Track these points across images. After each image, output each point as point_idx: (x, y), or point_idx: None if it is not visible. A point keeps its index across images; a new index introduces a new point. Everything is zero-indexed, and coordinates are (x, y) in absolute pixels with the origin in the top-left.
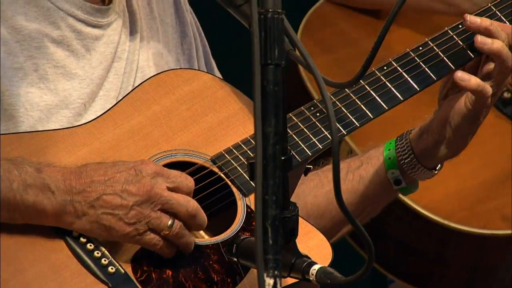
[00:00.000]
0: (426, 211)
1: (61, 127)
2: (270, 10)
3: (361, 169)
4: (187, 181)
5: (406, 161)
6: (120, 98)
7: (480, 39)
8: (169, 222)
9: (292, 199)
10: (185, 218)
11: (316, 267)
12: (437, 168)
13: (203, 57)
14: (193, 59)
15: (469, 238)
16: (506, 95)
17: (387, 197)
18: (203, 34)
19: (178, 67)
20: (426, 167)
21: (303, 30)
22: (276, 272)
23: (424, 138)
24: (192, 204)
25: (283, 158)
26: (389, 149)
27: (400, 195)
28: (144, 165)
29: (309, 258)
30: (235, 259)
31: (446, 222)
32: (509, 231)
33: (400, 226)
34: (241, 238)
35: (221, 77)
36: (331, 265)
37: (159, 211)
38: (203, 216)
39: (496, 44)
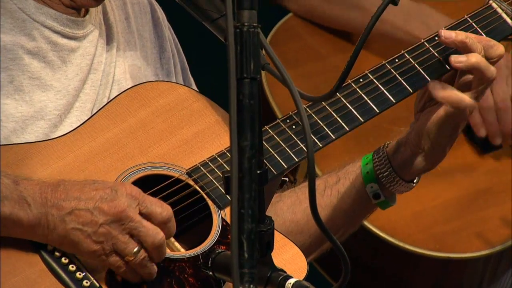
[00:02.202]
0: (382, 232)
1: (37, 138)
2: (246, 24)
3: (339, 185)
4: (161, 209)
5: (384, 174)
6: (95, 110)
7: (453, 58)
8: (135, 250)
9: (271, 216)
10: (149, 248)
11: (291, 281)
12: (415, 181)
13: (181, 73)
14: (171, 74)
15: (426, 260)
16: None
17: (366, 211)
18: (181, 51)
19: (155, 80)
20: (404, 180)
21: (269, 43)
22: (251, 286)
23: (401, 151)
24: (159, 238)
25: (259, 171)
26: (366, 164)
27: None
28: (121, 186)
29: (284, 272)
30: (211, 273)
31: (401, 244)
32: (464, 254)
33: (356, 244)
34: (217, 251)
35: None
36: (306, 278)
37: (127, 236)
38: (164, 250)
39: (473, 58)
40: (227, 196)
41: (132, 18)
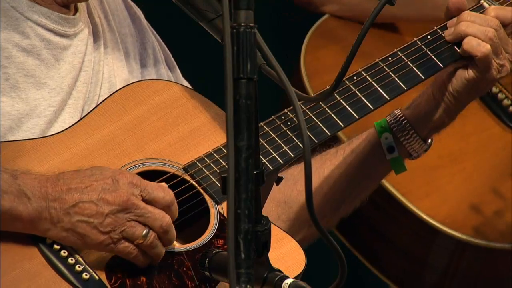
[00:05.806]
0: (445, 226)
1: (33, 135)
2: (243, 24)
3: (351, 144)
4: (163, 194)
5: (398, 126)
6: (87, 107)
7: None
8: (144, 232)
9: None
10: (158, 232)
11: (288, 281)
12: (429, 142)
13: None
14: (159, 61)
15: (487, 252)
16: (511, 109)
17: (381, 169)
18: (164, 45)
19: (147, 78)
20: (418, 134)
21: (306, 47)
22: (248, 286)
23: (416, 104)
24: (166, 220)
25: (255, 172)
26: (379, 122)
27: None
28: (121, 175)
29: (281, 272)
30: (207, 273)
31: (465, 237)
32: None
33: (413, 239)
34: (213, 252)
35: (189, 85)
36: (304, 271)
37: (134, 221)
38: (173, 232)
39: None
40: None
41: (110, 16)
